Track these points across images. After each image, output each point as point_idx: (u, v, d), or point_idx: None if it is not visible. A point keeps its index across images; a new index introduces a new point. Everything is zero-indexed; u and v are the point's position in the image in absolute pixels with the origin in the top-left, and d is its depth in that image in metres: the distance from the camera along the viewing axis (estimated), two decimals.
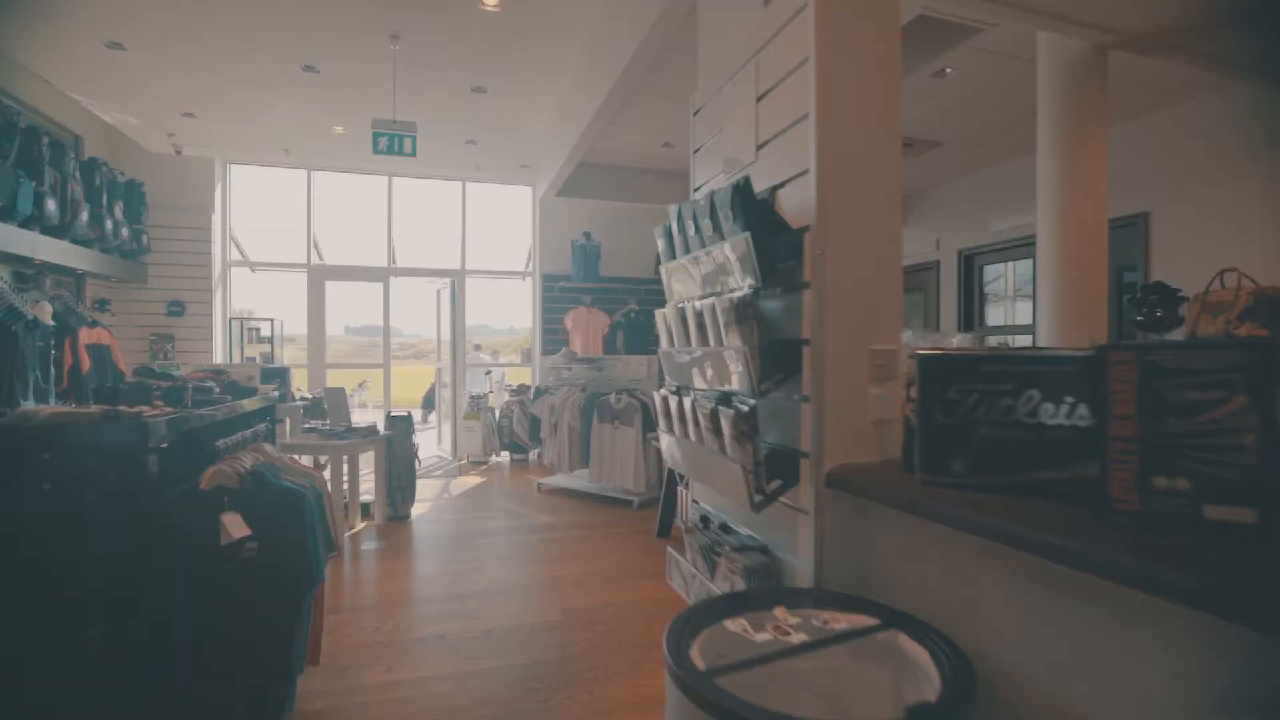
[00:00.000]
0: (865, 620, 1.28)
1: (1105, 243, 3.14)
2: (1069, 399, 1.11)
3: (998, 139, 5.14)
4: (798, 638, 1.23)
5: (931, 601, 1.28)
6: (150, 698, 1.65)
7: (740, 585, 1.62)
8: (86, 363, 5.59)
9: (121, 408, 1.75)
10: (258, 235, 7.78)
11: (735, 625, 1.28)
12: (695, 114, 2.25)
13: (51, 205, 5.06)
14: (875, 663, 1.22)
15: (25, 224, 4.86)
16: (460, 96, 5.09)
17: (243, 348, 7.33)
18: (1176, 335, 4.16)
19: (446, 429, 8.17)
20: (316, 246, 7.79)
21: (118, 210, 6.10)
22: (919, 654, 1.17)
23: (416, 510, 5.27)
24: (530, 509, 5.42)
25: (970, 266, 6.37)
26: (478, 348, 9.71)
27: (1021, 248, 5.68)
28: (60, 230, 5.30)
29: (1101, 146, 3.12)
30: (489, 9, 3.75)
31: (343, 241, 8.28)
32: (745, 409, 1.53)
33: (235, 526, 1.84)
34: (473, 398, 7.65)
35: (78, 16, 3.92)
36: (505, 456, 7.73)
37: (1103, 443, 1.01)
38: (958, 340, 1.97)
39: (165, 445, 1.77)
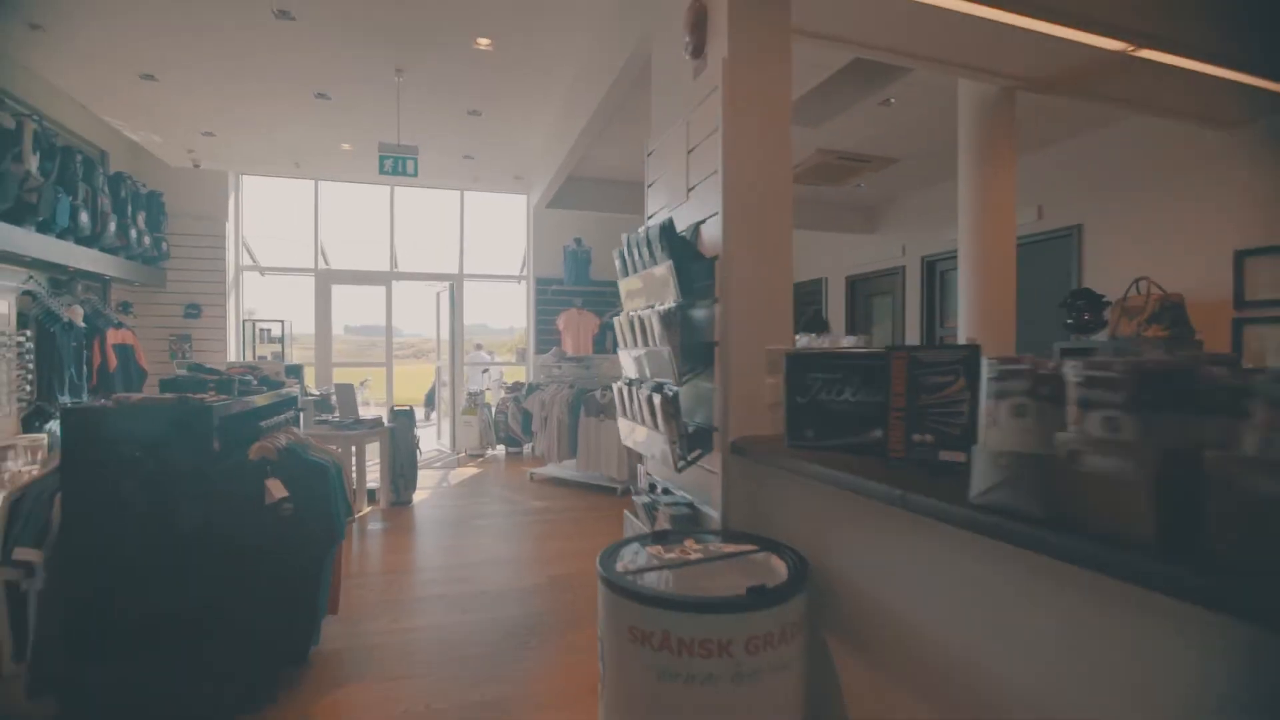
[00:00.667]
0: (748, 547, 1.77)
1: (1013, 257, 3.62)
2: (873, 384, 1.59)
3: (948, 156, 5.60)
4: (694, 557, 1.71)
5: (794, 531, 1.76)
6: (218, 619, 2.12)
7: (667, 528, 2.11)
8: (114, 361, 6.07)
9: (189, 395, 2.23)
10: (268, 241, 8.26)
11: (653, 550, 1.76)
12: (649, 155, 2.73)
13: (84, 217, 5.54)
14: (746, 573, 1.70)
15: (61, 234, 5.33)
16: (458, 119, 5.57)
17: (254, 347, 7.80)
18: (1101, 336, 4.65)
19: (445, 424, 8.64)
20: (323, 252, 8.27)
21: (140, 220, 6.59)
22: (779, 565, 1.65)
23: (418, 497, 5.75)
24: (523, 496, 5.90)
25: (933, 271, 6.85)
26: (478, 347, 10.18)
27: None
28: (91, 239, 5.77)
29: (1011, 173, 3.59)
30: (483, 48, 4.24)
31: (348, 247, 8.76)
32: (670, 394, 2.01)
33: (276, 489, 2.32)
34: (470, 394, 8.12)
35: (117, 54, 4.39)
36: (501, 450, 8.20)
37: (886, 413, 1.49)
38: (847, 342, 2.45)
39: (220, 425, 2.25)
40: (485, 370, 9.18)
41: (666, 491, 2.34)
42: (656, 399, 2.03)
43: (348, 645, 2.85)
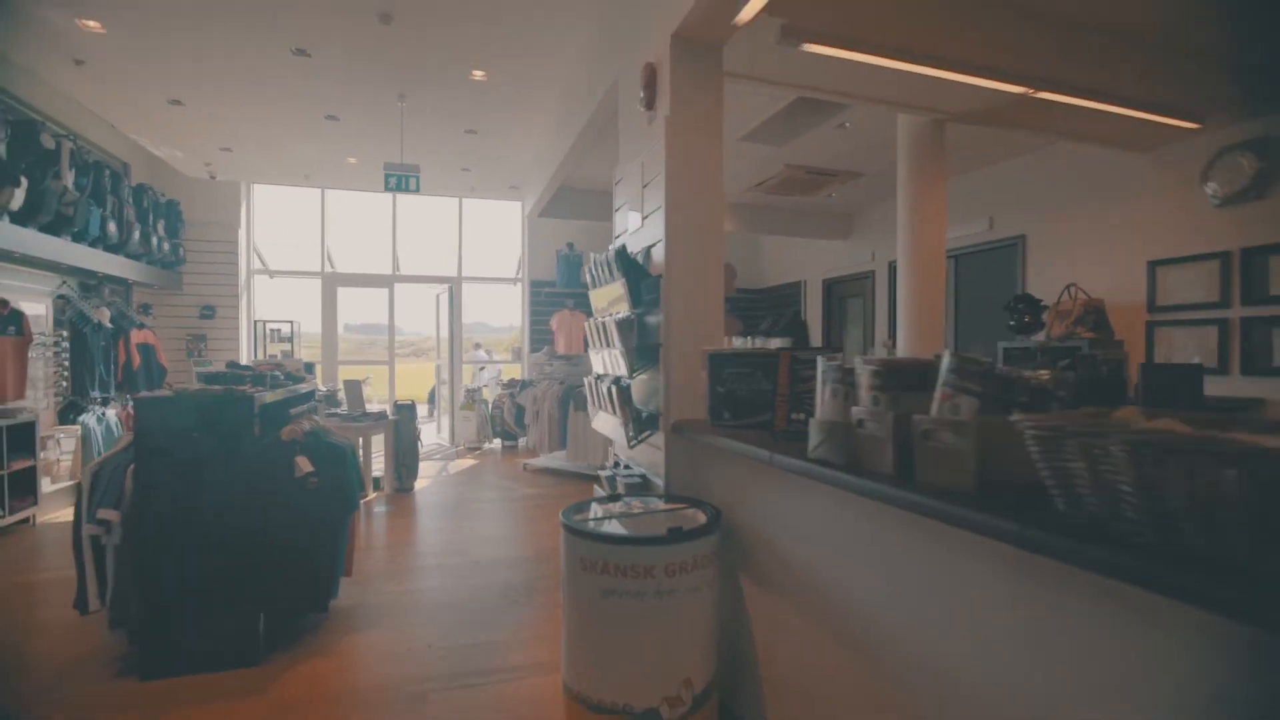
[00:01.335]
0: (681, 505, 2.26)
1: (943, 267, 4.10)
2: (769, 376, 2.08)
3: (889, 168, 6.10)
4: (636, 511, 2.20)
5: (716, 491, 2.26)
6: (257, 570, 2.62)
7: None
8: (137, 359, 6.56)
9: (233, 387, 2.71)
10: (277, 247, 8.75)
11: (606, 507, 2.26)
12: (617, 183, 3.22)
13: (112, 227, 6.03)
14: (674, 522, 2.19)
15: (92, 243, 5.81)
16: (456, 137, 6.06)
17: (265, 346, 8.29)
18: (1040, 337, 5.13)
19: (445, 419, 9.13)
20: (329, 256, 8.76)
21: (160, 227, 7.08)
22: (700, 516, 2.14)
23: (419, 485, 6.24)
24: (517, 484, 6.39)
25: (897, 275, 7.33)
26: (477, 346, 10.66)
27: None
28: (117, 247, 6.25)
29: (941, 193, 4.08)
30: (477, 79, 4.72)
31: (352, 251, 9.25)
32: (624, 386, 2.51)
33: (304, 465, 2.81)
34: (469, 391, 8.61)
35: (148, 83, 4.88)
36: (497, 443, 8.69)
37: (777, 399, 1.98)
38: (775, 343, 2.93)
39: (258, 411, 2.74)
40: (482, 368, 9.66)
41: (626, 466, 2.83)
42: (614, 390, 2.52)
43: (360, 602, 3.35)
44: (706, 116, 2.50)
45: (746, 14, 2.31)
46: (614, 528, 2.09)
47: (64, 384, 5.67)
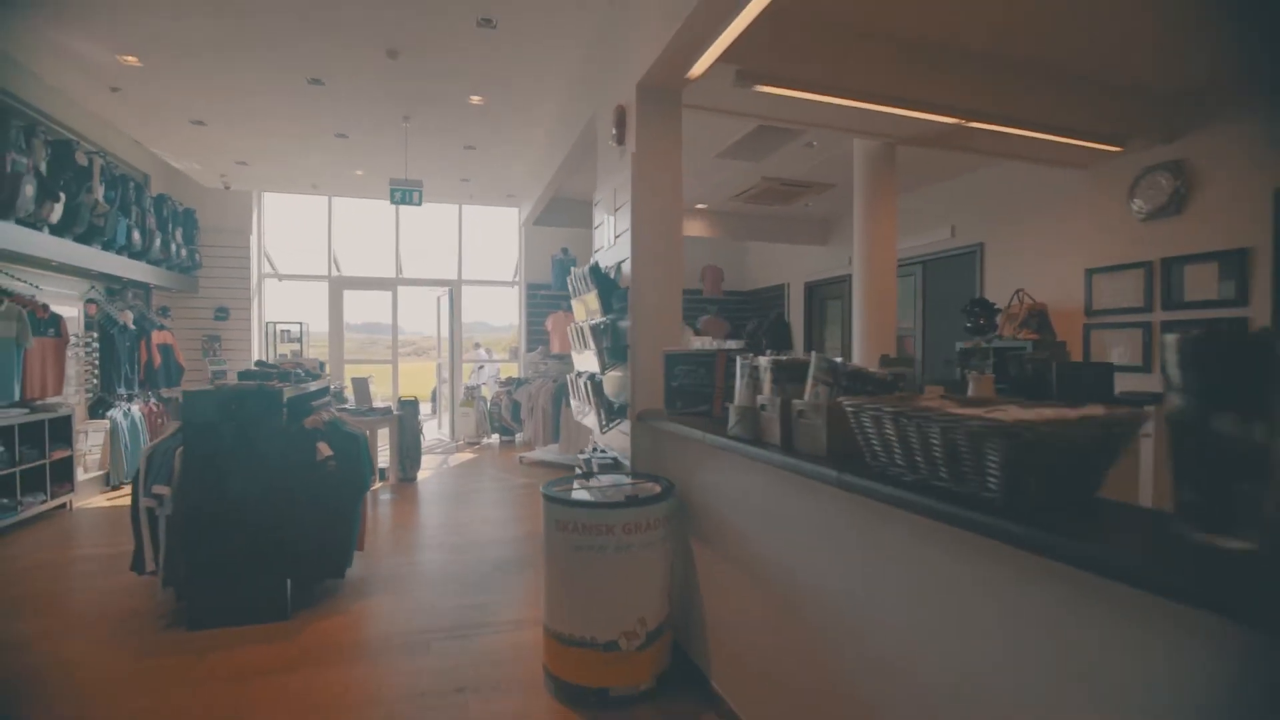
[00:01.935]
0: (642, 480, 2.71)
1: (894, 279, 4.55)
2: (711, 372, 2.53)
3: None
4: (605, 484, 2.66)
5: (672, 468, 2.71)
6: (285, 539, 3.07)
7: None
8: (158, 359, 7.02)
9: (264, 382, 3.17)
10: (286, 251, 9.21)
11: (580, 482, 2.71)
12: (595, 204, 3.67)
13: (136, 236, 6.48)
14: (635, 492, 2.65)
15: (118, 250, 6.26)
16: (456, 152, 6.51)
17: (275, 346, 8.75)
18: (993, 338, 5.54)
19: (446, 416, 9.59)
20: (336, 260, 9.21)
21: (178, 234, 7.53)
22: (656, 488, 2.60)
23: (422, 475, 6.70)
24: (512, 475, 6.84)
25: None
26: (477, 346, 11.11)
27: (905, 266, 7.09)
28: (140, 253, 6.70)
29: (893, 208, 4.52)
30: (475, 103, 5.18)
31: (357, 255, 9.70)
32: (597, 381, 2.96)
33: (324, 449, 3.27)
34: (468, 388, 9.07)
35: (174, 106, 5.33)
36: (495, 438, 9.14)
37: (714, 390, 2.43)
38: (732, 344, 3.38)
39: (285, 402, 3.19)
40: (481, 366, 10.11)
41: (601, 450, 3.28)
42: (590, 384, 2.97)
43: (371, 572, 3.81)
44: (667, 153, 2.95)
45: (698, 70, 2.75)
46: (583, 495, 2.55)
47: (94, 381, 6.12)
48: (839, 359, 1.70)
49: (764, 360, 1.90)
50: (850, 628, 1.57)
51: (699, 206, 7.63)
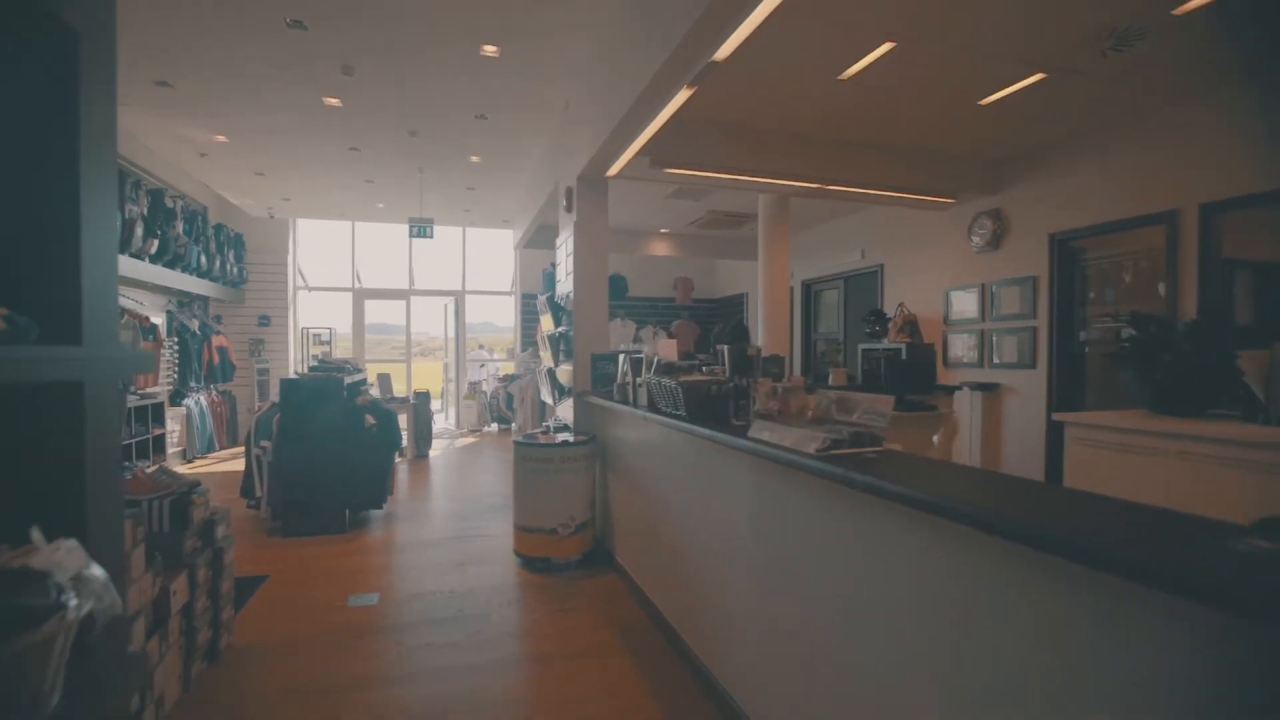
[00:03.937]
0: (580, 436, 4.23)
1: (788, 303, 6.03)
2: (614, 364, 4.04)
3: (797, 216, 8.05)
4: (560, 440, 4.18)
5: (597, 427, 4.22)
6: (346, 479, 4.59)
7: None
8: (217, 359, 8.59)
9: (331, 373, 4.70)
10: (316, 267, 10.77)
11: (542, 436, 4.24)
12: (558, 247, 5.19)
13: (203, 260, 8.04)
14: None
15: (190, 272, 7.82)
16: (460, 192, 8.06)
17: (308, 348, 10.30)
18: (885, 341, 7.01)
19: (451, 409, 11.12)
20: (358, 275, 10.76)
21: (230, 256, 9.10)
22: (584, 438, 4.11)
23: (433, 453, 8.23)
24: (507, 454, 8.37)
25: (809, 292, 9.26)
26: (480, 346, 12.63)
27: (831, 282, 8.57)
28: (205, 273, 8.27)
29: (784, 247, 6.01)
30: (475, 161, 6.72)
31: (376, 270, 11.25)
32: (552, 371, 4.48)
33: (369, 419, 4.80)
34: (471, 384, 10.60)
35: (245, 162, 6.90)
36: (494, 427, 10.67)
37: (616, 375, 3.95)
38: (635, 346, 4.89)
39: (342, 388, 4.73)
40: (482, 365, 11.64)
41: (558, 419, 4.79)
42: (550, 374, 4.48)
43: (397, 511, 5.34)
44: (598, 222, 4.46)
45: (613, 170, 4.27)
46: (538, 441, 4.07)
47: (173, 376, 7.69)
48: (700, 356, 3.21)
49: (622, 355, 3.41)
50: (677, 507, 3.07)
51: (662, 231, 9.14)
